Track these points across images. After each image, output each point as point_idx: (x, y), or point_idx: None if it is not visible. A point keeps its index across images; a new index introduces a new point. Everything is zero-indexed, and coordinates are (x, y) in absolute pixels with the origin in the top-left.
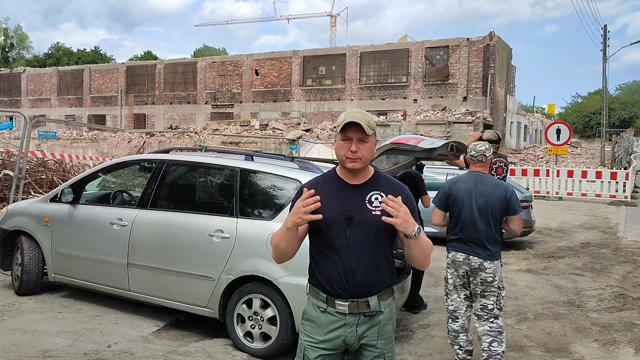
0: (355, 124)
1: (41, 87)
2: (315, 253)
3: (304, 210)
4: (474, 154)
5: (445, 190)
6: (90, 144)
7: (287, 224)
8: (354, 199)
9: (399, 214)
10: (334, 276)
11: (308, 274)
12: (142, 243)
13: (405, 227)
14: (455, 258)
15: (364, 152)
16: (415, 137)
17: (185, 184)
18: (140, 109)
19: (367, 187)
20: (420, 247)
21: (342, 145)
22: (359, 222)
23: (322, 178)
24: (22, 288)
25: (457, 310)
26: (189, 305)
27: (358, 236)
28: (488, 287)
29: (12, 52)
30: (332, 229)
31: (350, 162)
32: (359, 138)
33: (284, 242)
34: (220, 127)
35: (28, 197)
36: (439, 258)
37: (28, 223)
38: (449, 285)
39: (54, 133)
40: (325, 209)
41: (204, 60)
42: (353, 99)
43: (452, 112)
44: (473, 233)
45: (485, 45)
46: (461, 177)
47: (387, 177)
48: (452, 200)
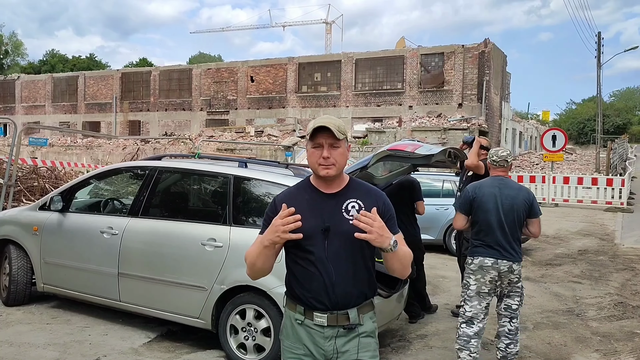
0: (324, 128)
1: (35, 93)
2: (292, 265)
3: (283, 229)
4: (496, 159)
5: (468, 195)
6: (84, 151)
7: (263, 242)
8: (330, 208)
9: (372, 229)
10: (313, 288)
11: (285, 286)
12: (133, 252)
13: (380, 242)
14: (484, 263)
15: (336, 158)
16: (412, 143)
17: (177, 191)
18: (135, 115)
19: (343, 196)
20: (399, 259)
21: (313, 153)
22: (336, 232)
23: (296, 188)
24: (10, 298)
25: (475, 316)
26: (181, 316)
27: (336, 247)
28: (514, 287)
29: (6, 59)
30: (309, 241)
31: (323, 169)
32: (330, 143)
33: (260, 260)
34: (215, 133)
35: (20, 204)
36: (435, 265)
37: (16, 231)
38: (470, 291)
39: (45, 140)
40: (301, 221)
41: (199, 67)
42: (348, 105)
43: (447, 119)
44: (501, 237)
45: (480, 52)
46: (484, 182)
47: (363, 184)
48: (477, 205)
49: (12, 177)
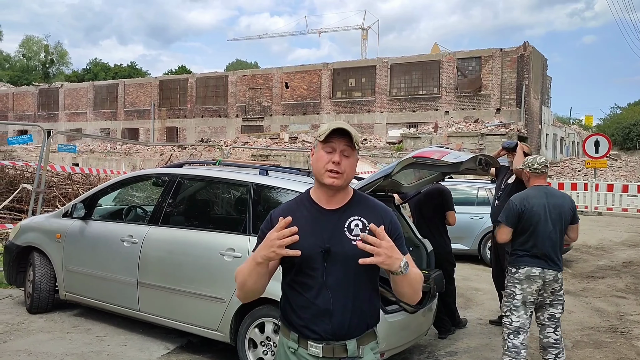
0: (342, 131)
1: (78, 101)
2: (286, 288)
3: (279, 243)
4: (537, 166)
5: (516, 207)
6: (123, 157)
7: (256, 258)
8: (331, 227)
9: (380, 250)
10: (307, 316)
11: (280, 310)
12: (152, 261)
13: (389, 265)
14: (531, 273)
15: (346, 167)
16: (439, 150)
17: (197, 199)
18: (173, 122)
19: (345, 212)
20: (409, 283)
21: (322, 157)
22: (337, 254)
23: (295, 203)
24: (33, 306)
25: (522, 326)
26: (200, 328)
27: (337, 271)
28: (557, 296)
29: (52, 67)
30: (306, 263)
31: (330, 176)
32: (343, 150)
33: (252, 279)
34: (250, 140)
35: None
36: (469, 277)
37: (40, 239)
38: (516, 301)
39: (74, 147)
40: (298, 241)
41: (235, 74)
42: (383, 110)
43: (485, 124)
44: (549, 246)
45: (519, 55)
46: (530, 192)
47: (367, 199)
48: (527, 216)
49: (41, 183)
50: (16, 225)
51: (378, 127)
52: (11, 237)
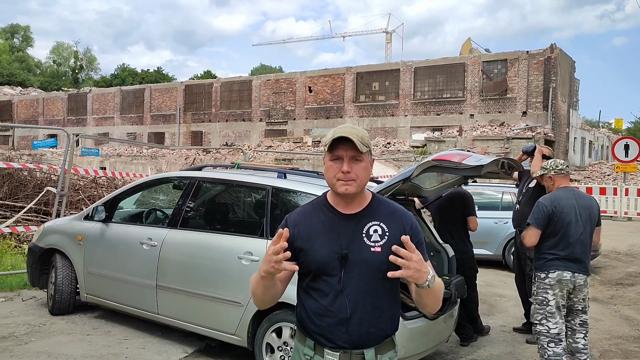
0: (345, 139)
1: (105, 106)
2: (302, 295)
3: (275, 259)
4: (562, 167)
5: (547, 209)
6: (149, 161)
7: (260, 272)
8: (348, 232)
9: (410, 263)
10: (324, 324)
11: (295, 316)
12: (171, 264)
13: (417, 279)
14: (562, 277)
15: (358, 173)
16: (460, 153)
17: (215, 202)
18: (198, 126)
19: (364, 217)
20: (433, 295)
21: (331, 166)
22: (355, 261)
23: (312, 206)
24: (55, 308)
25: (561, 332)
26: (217, 332)
27: (355, 279)
28: (587, 302)
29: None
30: (323, 269)
31: (342, 184)
32: (351, 156)
33: (259, 290)
34: (273, 144)
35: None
36: (493, 283)
37: (62, 241)
38: (550, 307)
39: (97, 150)
40: (314, 246)
41: (259, 78)
42: (407, 114)
43: (510, 128)
44: (580, 249)
45: (546, 57)
46: (559, 194)
47: (387, 204)
48: (557, 218)
49: (65, 186)
50: (39, 228)
51: (402, 131)
52: (34, 240)
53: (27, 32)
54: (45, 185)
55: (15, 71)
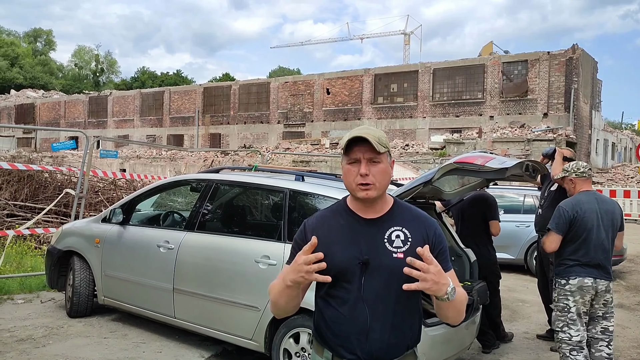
0: (361, 140)
1: (125, 108)
2: (320, 303)
3: (306, 269)
4: (583, 170)
5: (568, 213)
6: (168, 163)
7: (286, 281)
8: (369, 237)
9: (427, 275)
10: (343, 334)
11: (313, 325)
12: (188, 268)
13: (435, 291)
14: (583, 283)
15: (377, 176)
16: (483, 155)
17: (232, 205)
18: (216, 128)
19: (385, 222)
20: (454, 307)
21: (349, 171)
22: (376, 267)
23: (330, 211)
24: (73, 310)
25: (583, 339)
26: (234, 337)
27: (375, 286)
28: (609, 308)
29: (102, 76)
30: (343, 275)
31: (362, 190)
32: (368, 158)
33: (283, 300)
34: (291, 146)
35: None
36: (515, 288)
37: (80, 243)
38: (571, 314)
39: (116, 152)
40: (334, 252)
41: (277, 81)
42: (425, 116)
43: (531, 129)
44: (601, 255)
45: (568, 58)
46: (581, 198)
47: (409, 209)
48: (579, 223)
49: (83, 188)
50: (58, 230)
51: (420, 133)
52: (53, 242)
53: (50, 36)
54: (65, 186)
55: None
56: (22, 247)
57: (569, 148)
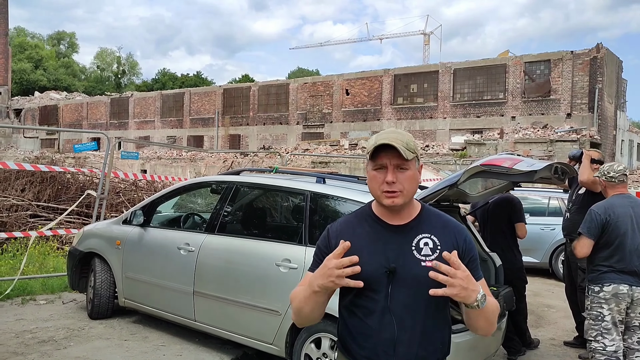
0: (388, 146)
1: (146, 110)
2: (345, 313)
3: (337, 273)
4: (614, 174)
5: (600, 217)
6: (188, 164)
7: (313, 287)
8: (396, 245)
9: (455, 281)
10: (369, 346)
11: (337, 336)
12: (208, 270)
13: (464, 297)
14: (618, 290)
15: (404, 183)
16: (510, 157)
17: (253, 207)
18: (235, 129)
19: (413, 229)
20: (485, 317)
21: (374, 177)
22: (404, 276)
23: (355, 217)
24: (94, 312)
25: (618, 349)
26: (255, 341)
27: (403, 295)
28: None
29: (123, 78)
30: (368, 284)
31: (388, 197)
32: (395, 165)
33: (308, 307)
34: (310, 147)
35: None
36: (540, 292)
37: (101, 245)
38: (606, 323)
39: (137, 154)
40: (359, 260)
41: (296, 82)
42: (446, 116)
43: (554, 130)
44: (637, 261)
45: (592, 58)
46: (614, 201)
47: (438, 215)
48: (612, 228)
49: (105, 189)
50: (79, 231)
51: (440, 134)
52: (74, 243)
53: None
54: (88, 187)
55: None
56: (44, 248)
57: (596, 150)
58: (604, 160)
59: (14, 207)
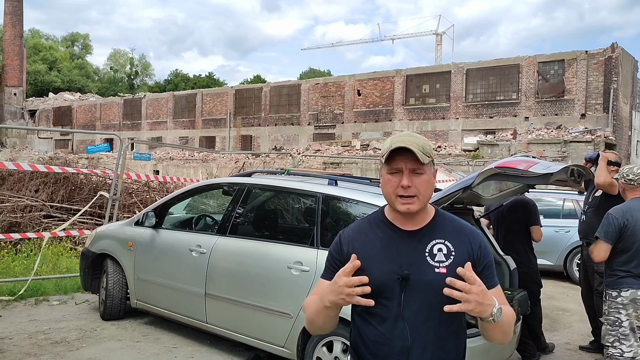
0: (404, 149)
1: (159, 110)
2: (358, 320)
3: (347, 291)
4: (633, 177)
5: (617, 221)
6: (200, 164)
7: (324, 302)
8: (409, 251)
9: (470, 296)
10: (382, 354)
11: (350, 344)
12: (220, 272)
13: (480, 312)
14: (637, 296)
15: (419, 188)
16: (526, 160)
17: (265, 209)
18: (247, 130)
19: (427, 235)
20: (501, 329)
21: (389, 181)
22: (417, 283)
23: (367, 222)
24: (106, 313)
25: (636, 356)
26: (266, 344)
27: (416, 303)
28: None
29: (136, 79)
30: (381, 292)
31: (403, 202)
32: (411, 169)
33: (320, 320)
34: (321, 147)
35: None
36: (554, 296)
37: (113, 246)
38: (624, 328)
39: (149, 155)
40: (371, 266)
41: (308, 82)
42: (458, 117)
43: (568, 131)
44: None
45: (607, 57)
46: (633, 205)
47: (453, 220)
48: (630, 232)
49: (117, 190)
50: (92, 232)
51: (453, 134)
52: (87, 244)
53: (87, 40)
54: (101, 188)
55: (75, 78)
56: (57, 248)
57: (613, 151)
58: (621, 161)
59: (28, 208)
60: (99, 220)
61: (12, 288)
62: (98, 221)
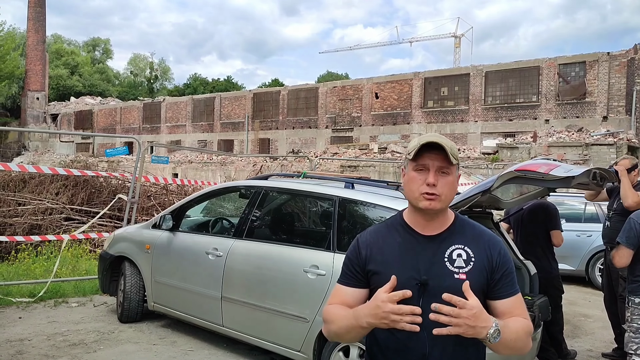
0: (435, 146)
1: (178, 114)
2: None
3: (393, 318)
4: None
5: (638, 227)
6: (219, 167)
7: (361, 322)
8: (428, 256)
9: (459, 320)
10: None
11: (366, 351)
12: (236, 276)
13: (473, 334)
14: None
15: (444, 188)
16: (546, 163)
17: (281, 213)
18: (265, 133)
19: (446, 240)
20: (505, 346)
21: (414, 178)
22: (436, 289)
23: (385, 226)
24: (124, 315)
25: None
26: (282, 348)
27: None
28: None
29: (156, 83)
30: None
31: (426, 199)
32: (438, 167)
33: (350, 336)
34: (339, 150)
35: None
36: (576, 301)
37: (131, 249)
38: None
39: (167, 158)
40: (389, 271)
41: (325, 86)
42: (477, 120)
43: (590, 133)
44: None
45: (629, 59)
46: None
47: (472, 226)
48: None
49: (135, 193)
50: (110, 235)
51: (472, 137)
52: (105, 247)
53: (107, 45)
54: (120, 191)
55: (96, 82)
56: (77, 251)
57: (624, 157)
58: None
59: (48, 210)
60: (118, 223)
61: (33, 290)
62: (117, 224)
